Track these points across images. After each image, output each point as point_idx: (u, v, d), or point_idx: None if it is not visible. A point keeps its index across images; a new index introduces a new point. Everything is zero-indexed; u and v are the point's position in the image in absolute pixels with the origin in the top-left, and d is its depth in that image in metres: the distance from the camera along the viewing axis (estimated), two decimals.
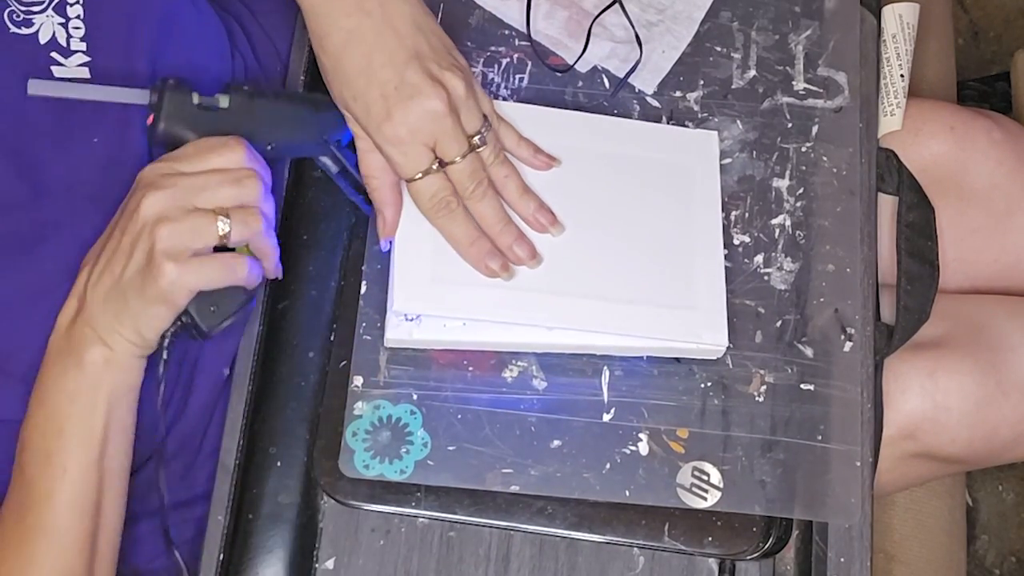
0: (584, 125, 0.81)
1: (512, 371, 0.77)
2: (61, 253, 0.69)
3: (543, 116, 0.81)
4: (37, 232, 0.69)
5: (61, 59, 0.72)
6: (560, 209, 0.78)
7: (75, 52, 0.72)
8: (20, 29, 0.71)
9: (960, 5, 1.64)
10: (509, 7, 0.87)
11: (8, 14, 0.71)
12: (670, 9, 0.87)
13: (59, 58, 0.72)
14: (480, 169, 0.74)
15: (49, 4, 0.72)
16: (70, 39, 0.72)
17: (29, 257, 0.68)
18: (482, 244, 0.74)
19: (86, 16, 0.73)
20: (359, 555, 0.78)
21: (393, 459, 0.75)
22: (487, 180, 0.74)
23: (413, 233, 0.76)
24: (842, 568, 0.78)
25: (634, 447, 0.76)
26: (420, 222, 0.76)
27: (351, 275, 0.81)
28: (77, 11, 0.73)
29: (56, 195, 0.70)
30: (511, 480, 0.75)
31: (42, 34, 0.71)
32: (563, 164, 0.79)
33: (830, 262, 0.80)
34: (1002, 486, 1.47)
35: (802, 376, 0.78)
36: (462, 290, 0.75)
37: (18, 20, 0.71)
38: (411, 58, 0.70)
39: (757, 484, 0.75)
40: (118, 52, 0.74)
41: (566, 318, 0.75)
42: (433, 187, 0.73)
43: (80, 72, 0.72)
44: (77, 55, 0.72)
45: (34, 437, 0.68)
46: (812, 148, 0.83)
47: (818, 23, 0.86)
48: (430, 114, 0.70)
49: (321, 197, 0.84)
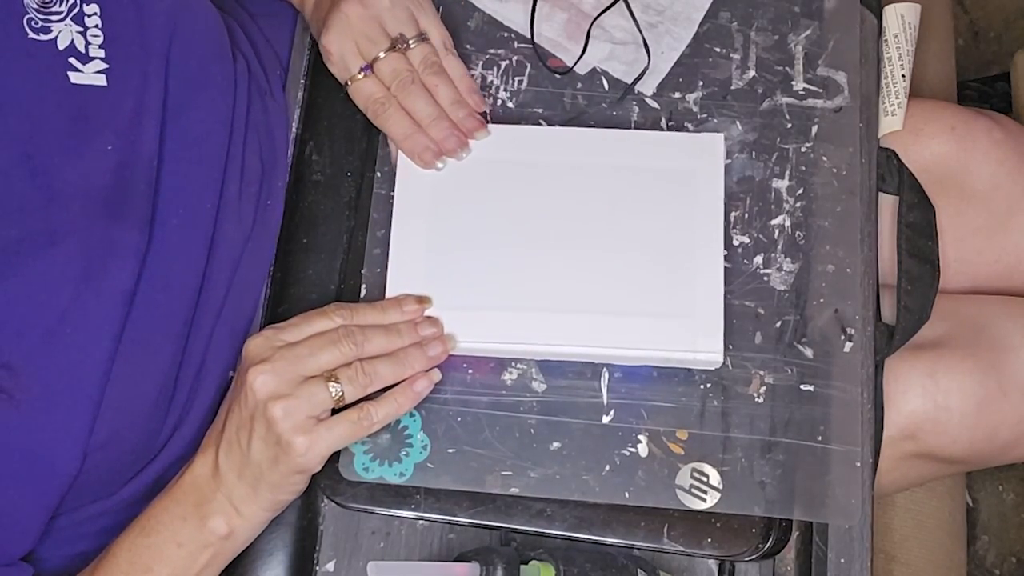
0: (587, 141, 0.81)
1: (511, 374, 0.77)
2: (69, 259, 0.69)
3: (547, 136, 0.81)
4: (47, 237, 0.69)
5: (79, 65, 0.72)
6: (558, 227, 0.78)
7: (93, 59, 0.73)
8: (39, 36, 0.71)
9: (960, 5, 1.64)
10: (508, 9, 0.87)
11: (27, 21, 0.71)
12: (669, 10, 0.87)
13: (77, 64, 0.72)
14: (405, 68, 0.80)
15: (68, 13, 0.72)
16: (88, 46, 0.73)
17: (37, 261, 0.68)
18: (416, 138, 0.80)
19: (104, 25, 0.74)
20: (359, 557, 0.78)
21: (393, 462, 0.75)
22: (415, 79, 0.80)
23: (407, 258, 0.77)
24: (842, 569, 0.78)
25: (633, 449, 0.76)
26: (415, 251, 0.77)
27: (351, 278, 0.81)
28: (95, 20, 0.74)
29: (68, 200, 0.70)
30: (511, 482, 0.75)
31: (60, 41, 0.72)
32: (565, 182, 0.79)
33: (830, 262, 0.80)
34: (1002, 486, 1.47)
35: (802, 377, 0.78)
36: (457, 314, 0.76)
37: (36, 27, 0.71)
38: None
39: (757, 485, 0.75)
40: (134, 58, 0.75)
41: (562, 335, 0.76)
42: (366, 88, 0.80)
43: (97, 79, 0.73)
44: (95, 62, 0.73)
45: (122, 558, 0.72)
46: (812, 148, 0.83)
47: (818, 23, 0.86)
48: (347, 17, 0.79)
49: (321, 201, 0.84)
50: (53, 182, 0.70)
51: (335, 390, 0.71)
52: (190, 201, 0.77)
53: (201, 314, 0.77)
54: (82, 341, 0.69)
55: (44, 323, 0.68)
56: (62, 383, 0.68)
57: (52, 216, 0.69)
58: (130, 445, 0.73)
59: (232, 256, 0.80)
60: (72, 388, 0.69)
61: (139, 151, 0.74)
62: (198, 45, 0.80)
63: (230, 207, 0.80)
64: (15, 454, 0.67)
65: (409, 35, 0.80)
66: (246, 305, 0.82)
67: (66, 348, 0.68)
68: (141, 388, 0.73)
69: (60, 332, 0.68)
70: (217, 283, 0.79)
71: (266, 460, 0.70)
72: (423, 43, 0.81)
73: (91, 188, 0.71)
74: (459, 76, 0.82)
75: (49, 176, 0.70)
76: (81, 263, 0.69)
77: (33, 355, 0.68)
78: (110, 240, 0.71)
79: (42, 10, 0.72)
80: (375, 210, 0.81)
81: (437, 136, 0.80)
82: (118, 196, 0.72)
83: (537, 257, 0.76)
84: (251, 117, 0.84)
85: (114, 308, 0.70)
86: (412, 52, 0.81)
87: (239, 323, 0.82)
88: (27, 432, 0.67)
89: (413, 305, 0.76)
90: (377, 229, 0.80)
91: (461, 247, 0.78)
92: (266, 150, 0.85)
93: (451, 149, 0.80)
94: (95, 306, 0.70)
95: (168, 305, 0.75)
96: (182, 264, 0.76)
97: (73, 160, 0.71)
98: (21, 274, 0.68)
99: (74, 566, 0.75)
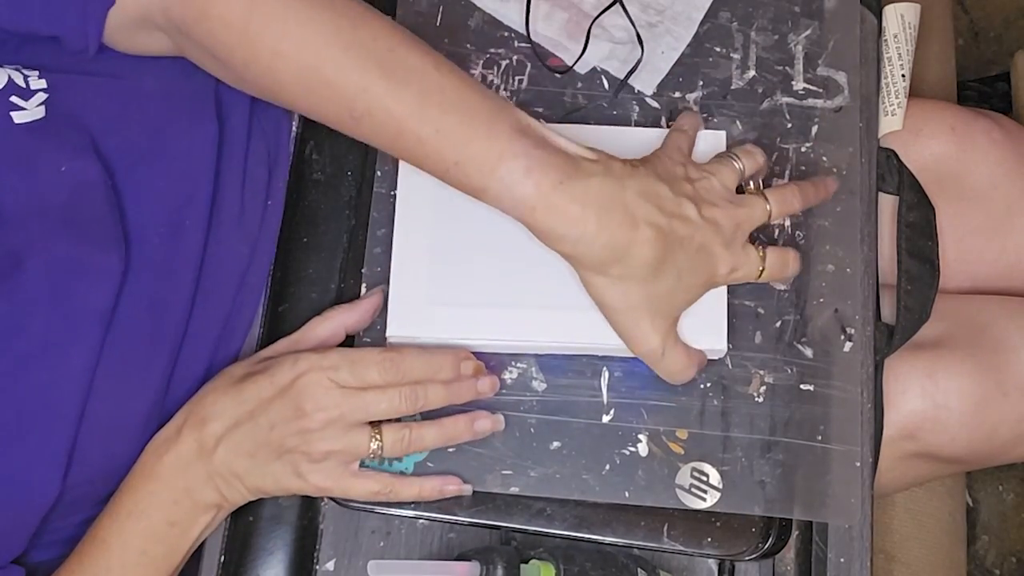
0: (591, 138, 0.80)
1: (511, 373, 0.77)
2: (35, 281, 0.68)
3: None
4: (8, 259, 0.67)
5: (22, 103, 0.71)
6: None
7: (36, 92, 0.72)
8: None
9: (960, 5, 1.64)
10: (508, 9, 0.87)
11: None
12: (669, 10, 0.87)
13: (20, 102, 0.70)
14: None
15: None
16: (28, 78, 0.72)
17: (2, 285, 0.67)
18: None
19: None
20: (359, 557, 0.78)
21: (393, 461, 0.75)
22: None
23: (409, 256, 0.77)
24: (842, 568, 0.78)
25: (634, 448, 0.76)
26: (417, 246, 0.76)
27: (351, 277, 0.81)
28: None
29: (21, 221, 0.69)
30: (511, 482, 0.75)
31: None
32: None
33: (830, 262, 0.80)
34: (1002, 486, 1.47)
35: (802, 376, 0.78)
36: (456, 311, 0.75)
37: None
38: None
39: (757, 485, 0.75)
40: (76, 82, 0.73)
41: (563, 332, 0.75)
42: None
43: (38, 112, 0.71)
44: (37, 95, 0.72)
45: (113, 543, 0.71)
46: (812, 148, 0.83)
47: (818, 23, 0.86)
48: None
49: (321, 200, 0.84)
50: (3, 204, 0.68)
51: (376, 445, 0.71)
52: (168, 219, 0.75)
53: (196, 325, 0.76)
54: (55, 364, 0.68)
55: (14, 347, 0.67)
56: (37, 407, 0.67)
57: (9, 239, 0.68)
58: (125, 459, 0.73)
59: (235, 260, 0.80)
60: (47, 412, 0.68)
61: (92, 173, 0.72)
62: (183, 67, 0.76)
63: (225, 212, 0.79)
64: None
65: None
66: (246, 307, 0.82)
67: (38, 372, 0.67)
68: (131, 405, 0.72)
69: (31, 356, 0.67)
70: (214, 293, 0.78)
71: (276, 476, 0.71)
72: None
73: (47, 209, 0.70)
74: None
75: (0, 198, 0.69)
76: (48, 285, 0.68)
77: (6, 380, 0.67)
78: (77, 260, 0.69)
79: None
80: (375, 209, 0.81)
81: None
82: (78, 217, 0.70)
83: (541, 254, 0.76)
84: (255, 125, 0.83)
85: (89, 328, 0.69)
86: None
87: (239, 326, 0.82)
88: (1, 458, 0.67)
89: (471, 369, 0.75)
90: (378, 228, 0.80)
91: (465, 244, 0.77)
92: (272, 153, 0.84)
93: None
94: (67, 328, 0.68)
95: (156, 321, 0.73)
96: (169, 280, 0.74)
97: (27, 182, 0.69)
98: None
99: None
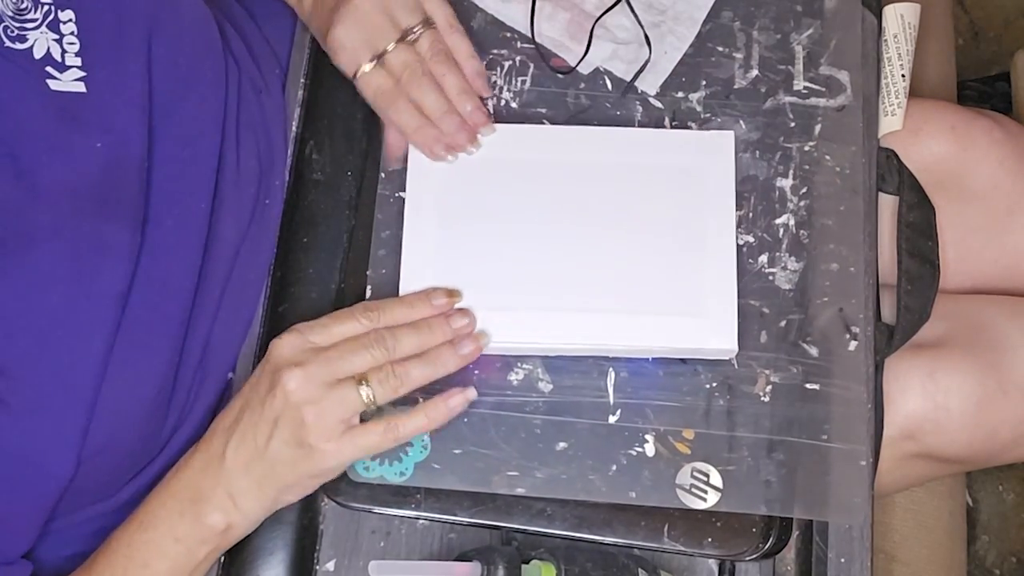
0: (597, 139, 0.81)
1: (517, 374, 0.77)
2: (59, 259, 0.69)
3: (558, 135, 0.81)
4: (30, 235, 0.68)
5: (56, 74, 0.71)
6: (571, 225, 0.78)
7: (70, 67, 0.72)
8: (15, 44, 0.70)
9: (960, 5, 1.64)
10: (511, 9, 0.87)
11: (3, 28, 0.70)
12: (671, 10, 0.86)
13: (54, 72, 0.71)
14: (415, 60, 0.80)
15: (43, 21, 0.71)
16: (64, 54, 0.72)
17: (26, 262, 0.68)
18: (426, 130, 0.80)
19: (80, 32, 0.72)
20: (359, 557, 0.78)
21: (393, 461, 0.75)
22: (424, 71, 0.80)
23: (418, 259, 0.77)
24: (842, 568, 0.78)
25: (640, 448, 0.76)
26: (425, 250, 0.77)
27: (351, 277, 0.81)
28: (71, 27, 0.72)
29: (55, 199, 0.70)
30: (517, 483, 0.75)
31: (36, 49, 0.70)
32: (576, 180, 0.79)
33: (834, 261, 0.80)
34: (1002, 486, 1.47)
35: (807, 376, 0.77)
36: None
37: (12, 35, 0.70)
38: None
39: (762, 484, 0.75)
40: (112, 61, 0.74)
41: (569, 334, 0.75)
42: (375, 80, 0.80)
43: (76, 87, 0.72)
44: (72, 70, 0.72)
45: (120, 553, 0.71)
46: (815, 147, 0.83)
47: (819, 22, 0.86)
48: (358, 9, 0.79)
49: (321, 199, 0.84)
50: (39, 181, 0.69)
51: (366, 393, 0.70)
52: (184, 200, 0.76)
53: (198, 314, 0.77)
54: (74, 344, 0.68)
55: (35, 326, 0.67)
56: (55, 386, 0.68)
57: (39, 216, 0.69)
58: (128, 447, 0.73)
59: (228, 256, 0.80)
60: (65, 391, 0.68)
61: (129, 150, 0.73)
62: (184, 41, 0.79)
63: (225, 207, 0.79)
64: (8, 458, 0.67)
65: (416, 24, 0.80)
66: (244, 305, 0.82)
67: (58, 351, 0.68)
68: (138, 391, 0.72)
69: (52, 335, 0.68)
70: (213, 283, 0.78)
71: (285, 461, 0.70)
72: (430, 29, 0.81)
73: (80, 186, 0.70)
74: (465, 57, 0.82)
75: (35, 176, 0.69)
76: (71, 263, 0.69)
77: (25, 358, 0.67)
78: (101, 239, 0.70)
79: (17, 18, 0.70)
80: (379, 211, 0.81)
81: (446, 131, 0.80)
82: (108, 195, 0.71)
83: (550, 256, 0.76)
84: (244, 115, 0.83)
85: (107, 310, 0.70)
86: (419, 41, 0.80)
87: (238, 323, 0.82)
88: (19, 436, 0.67)
89: (443, 299, 0.75)
90: (382, 230, 0.80)
91: (473, 246, 0.77)
92: (263, 149, 0.84)
93: (460, 145, 0.80)
94: (87, 308, 0.69)
95: (164, 306, 0.74)
96: (177, 265, 0.75)
97: (61, 158, 0.70)
98: (10, 275, 0.67)
99: (72, 567, 0.74)
